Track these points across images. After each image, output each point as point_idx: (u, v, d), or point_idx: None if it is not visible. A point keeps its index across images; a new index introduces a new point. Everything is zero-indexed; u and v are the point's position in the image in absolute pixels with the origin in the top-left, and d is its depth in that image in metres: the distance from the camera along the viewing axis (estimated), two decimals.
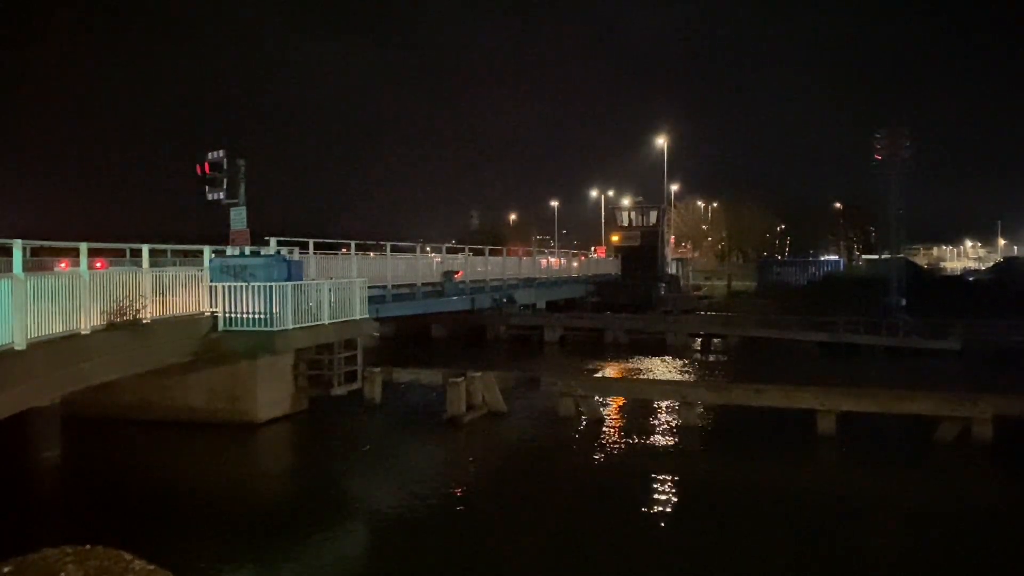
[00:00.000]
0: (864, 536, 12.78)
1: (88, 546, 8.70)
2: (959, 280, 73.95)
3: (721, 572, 11.32)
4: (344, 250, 28.91)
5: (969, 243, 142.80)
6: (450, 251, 37.98)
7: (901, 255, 48.66)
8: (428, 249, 34.81)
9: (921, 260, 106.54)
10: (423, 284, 31.64)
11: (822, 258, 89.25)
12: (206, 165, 21.17)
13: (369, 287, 26.23)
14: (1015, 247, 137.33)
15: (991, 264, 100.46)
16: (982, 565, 11.53)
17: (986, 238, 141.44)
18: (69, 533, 10.11)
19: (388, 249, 30.14)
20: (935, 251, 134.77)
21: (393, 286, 29.25)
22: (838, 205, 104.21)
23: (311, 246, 24.76)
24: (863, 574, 11.32)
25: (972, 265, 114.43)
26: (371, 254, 30.05)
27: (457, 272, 33.98)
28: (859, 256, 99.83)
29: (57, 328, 13.58)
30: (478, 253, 38.53)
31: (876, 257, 64.88)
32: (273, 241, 22.75)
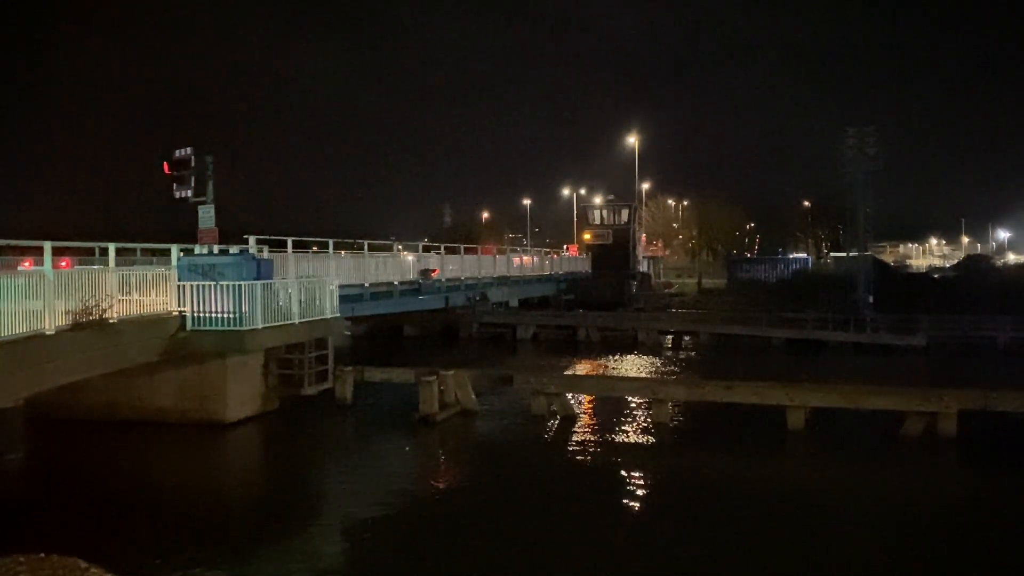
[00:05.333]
0: (832, 527, 12.95)
1: (43, 554, 8.49)
2: (925, 277, 74.82)
3: (694, 564, 11.40)
4: (315, 248, 28.71)
5: (934, 241, 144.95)
6: (425, 249, 37.90)
7: (868, 253, 49.22)
8: (400, 247, 34.70)
9: (888, 257, 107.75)
10: (400, 283, 31.56)
11: (791, 256, 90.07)
12: (173, 162, 20.85)
13: (347, 286, 26.13)
14: (979, 245, 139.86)
15: (955, 262, 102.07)
16: (944, 553, 11.74)
17: (951, 236, 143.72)
18: (29, 538, 9.93)
19: (366, 248, 30.00)
20: (901, 249, 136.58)
21: (371, 284, 29.13)
22: (807, 203, 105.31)
23: (289, 244, 24.55)
24: (832, 563, 11.46)
25: (937, 262, 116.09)
26: (342, 252, 29.89)
27: (434, 270, 33.95)
28: (827, 254, 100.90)
29: (20, 328, 13.33)
30: (453, 252, 38.47)
31: (844, 255, 65.50)
32: (252, 239, 22.48)
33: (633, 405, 21.87)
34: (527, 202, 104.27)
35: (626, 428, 19.86)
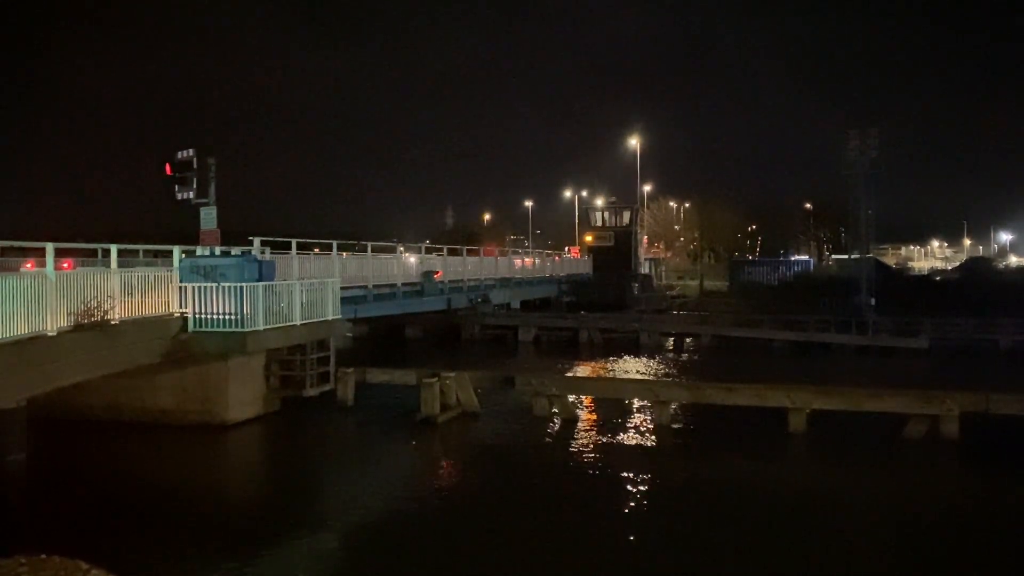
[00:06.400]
0: (833, 530, 12.93)
1: (43, 555, 8.49)
2: (927, 280, 74.85)
3: (695, 567, 11.39)
4: (316, 250, 28.73)
5: (936, 243, 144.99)
6: (428, 251, 37.92)
7: (870, 255, 49.16)
8: (402, 249, 34.74)
9: (890, 260, 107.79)
10: (403, 284, 31.57)
11: (793, 258, 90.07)
12: (175, 164, 20.89)
13: (350, 287, 26.12)
14: (980, 247, 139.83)
15: (957, 264, 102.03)
16: (947, 556, 11.72)
17: (953, 238, 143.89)
18: (31, 540, 9.94)
19: (369, 249, 30.01)
20: (903, 251, 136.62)
21: (374, 286, 29.14)
22: (808, 205, 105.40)
23: (294, 246, 24.62)
24: (833, 566, 11.45)
25: (939, 265, 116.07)
26: (343, 254, 29.91)
27: (437, 272, 33.95)
28: (829, 256, 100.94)
29: (22, 329, 13.35)
30: (455, 253, 38.48)
31: (846, 257, 65.56)
32: (257, 241, 22.52)
33: (635, 407, 21.85)
34: (529, 204, 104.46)
35: (628, 430, 19.84)
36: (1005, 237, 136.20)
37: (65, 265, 20.04)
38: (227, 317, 18.32)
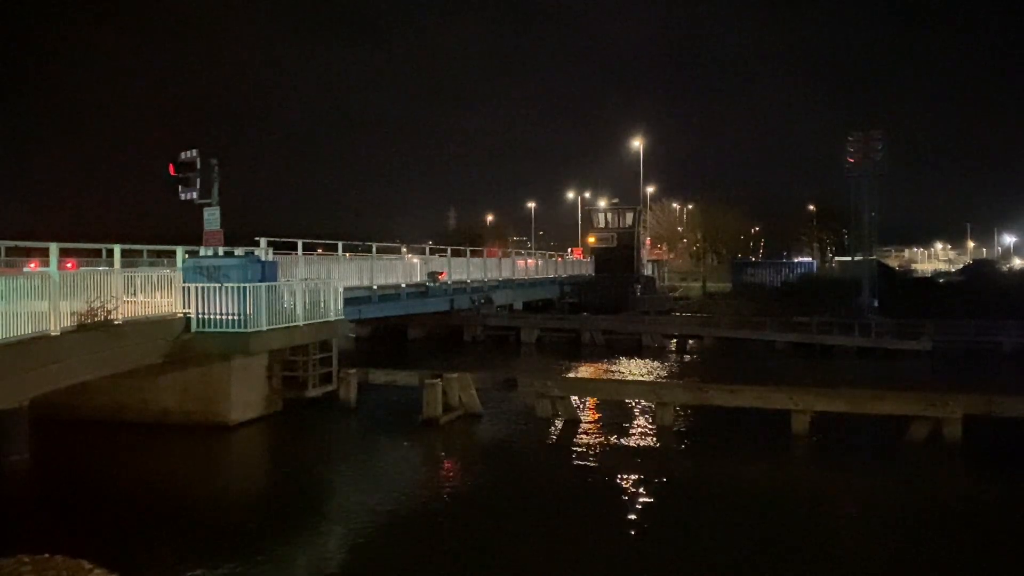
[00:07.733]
0: (836, 532, 12.92)
1: (47, 555, 8.50)
2: (930, 282, 74.60)
3: (697, 569, 11.37)
4: (319, 251, 28.76)
5: (939, 245, 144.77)
6: (431, 252, 37.98)
7: (873, 257, 49.11)
8: (404, 250, 34.76)
9: (893, 262, 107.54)
10: (407, 285, 31.59)
11: (796, 260, 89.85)
12: (179, 164, 20.90)
13: (355, 288, 26.14)
14: (984, 249, 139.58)
15: (960, 266, 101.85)
16: (949, 559, 11.70)
17: (956, 240, 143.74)
18: (35, 540, 9.95)
19: (374, 250, 30.04)
20: (906, 253, 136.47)
21: (378, 287, 29.16)
22: (812, 207, 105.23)
23: (300, 247, 24.63)
24: (836, 568, 11.43)
25: (942, 267, 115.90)
26: (348, 255, 29.94)
27: (441, 273, 34.00)
28: (832, 258, 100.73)
29: (26, 329, 13.36)
30: (459, 254, 38.55)
31: (849, 259, 65.51)
32: (263, 241, 22.55)
33: (637, 408, 21.84)
34: (531, 205, 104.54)
35: (630, 431, 19.83)
36: (1009, 240, 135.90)
37: (69, 265, 20.08)
38: (230, 318, 18.33)
